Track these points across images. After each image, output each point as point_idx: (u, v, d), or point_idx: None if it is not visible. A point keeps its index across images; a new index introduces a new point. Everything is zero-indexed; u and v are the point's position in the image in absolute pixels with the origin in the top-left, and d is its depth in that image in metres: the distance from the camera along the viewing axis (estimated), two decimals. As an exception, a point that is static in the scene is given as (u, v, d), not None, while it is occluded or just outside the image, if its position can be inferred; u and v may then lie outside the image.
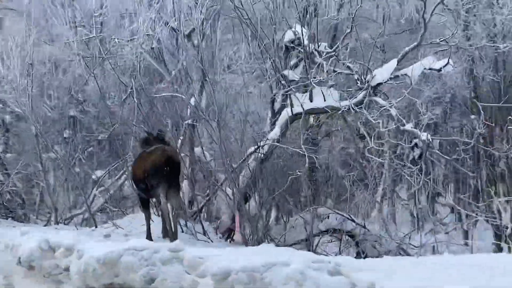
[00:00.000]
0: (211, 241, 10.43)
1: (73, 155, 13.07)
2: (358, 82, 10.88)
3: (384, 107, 10.39)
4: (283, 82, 11.67)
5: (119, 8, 12.16)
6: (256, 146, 11.16)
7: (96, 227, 11.51)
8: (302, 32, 11.33)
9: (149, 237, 9.55)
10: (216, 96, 10.76)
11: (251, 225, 10.69)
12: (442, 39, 10.19)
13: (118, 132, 11.78)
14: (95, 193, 14.21)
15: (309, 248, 11.78)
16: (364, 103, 10.52)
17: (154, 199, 10.15)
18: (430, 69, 10.79)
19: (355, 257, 10.49)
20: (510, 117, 10.43)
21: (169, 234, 9.39)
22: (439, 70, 10.78)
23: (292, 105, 11.34)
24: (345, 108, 10.80)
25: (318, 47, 11.22)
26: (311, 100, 11.42)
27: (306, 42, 11.25)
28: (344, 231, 12.31)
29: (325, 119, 12.41)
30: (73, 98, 12.79)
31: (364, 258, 12.05)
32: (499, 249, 12.90)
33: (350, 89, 10.92)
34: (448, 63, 10.65)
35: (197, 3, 11.69)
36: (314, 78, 11.03)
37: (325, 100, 11.31)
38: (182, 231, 10.56)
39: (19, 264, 7.68)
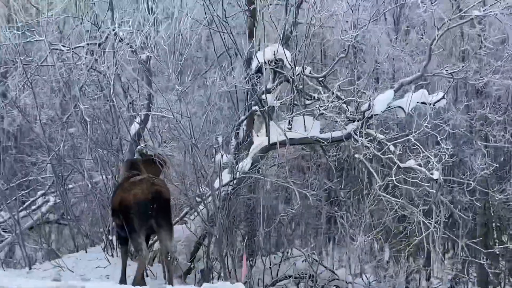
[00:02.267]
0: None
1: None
2: (348, 112, 9.83)
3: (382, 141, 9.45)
4: (255, 107, 10.45)
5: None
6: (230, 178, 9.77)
7: (30, 268, 9.49)
8: (284, 53, 10.16)
9: (123, 280, 7.87)
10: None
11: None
12: (452, 71, 9.33)
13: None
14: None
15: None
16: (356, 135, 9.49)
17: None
18: (423, 103, 9.98)
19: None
20: None
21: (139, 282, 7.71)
22: (432, 104, 9.99)
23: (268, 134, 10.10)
24: (331, 140, 9.80)
25: (304, 71, 10.04)
26: (290, 129, 10.26)
27: (289, 64, 10.09)
28: (306, 276, 11.15)
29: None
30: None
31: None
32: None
33: (343, 120, 9.74)
34: (443, 97, 9.92)
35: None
36: (300, 105, 9.91)
37: (305, 130, 10.19)
38: (147, 276, 8.90)
39: None
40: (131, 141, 10.79)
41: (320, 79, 10.16)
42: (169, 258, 7.72)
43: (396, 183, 8.82)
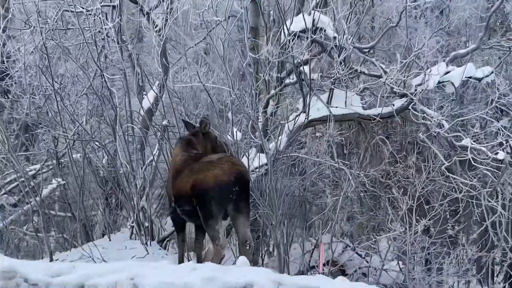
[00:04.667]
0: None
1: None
2: (395, 86, 9.12)
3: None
4: (291, 80, 9.67)
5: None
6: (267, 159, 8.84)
7: (51, 260, 8.38)
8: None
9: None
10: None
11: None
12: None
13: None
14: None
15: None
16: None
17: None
18: (470, 77, 9.37)
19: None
20: None
21: None
22: (480, 79, 9.41)
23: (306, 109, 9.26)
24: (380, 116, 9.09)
25: (348, 40, 9.21)
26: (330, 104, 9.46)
27: (331, 33, 9.27)
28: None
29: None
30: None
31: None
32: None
33: (391, 95, 9.05)
34: (492, 72, 9.34)
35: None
36: (347, 78, 9.14)
37: (345, 106, 9.43)
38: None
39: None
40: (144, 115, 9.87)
41: (365, 50, 9.42)
42: (247, 247, 6.77)
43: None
